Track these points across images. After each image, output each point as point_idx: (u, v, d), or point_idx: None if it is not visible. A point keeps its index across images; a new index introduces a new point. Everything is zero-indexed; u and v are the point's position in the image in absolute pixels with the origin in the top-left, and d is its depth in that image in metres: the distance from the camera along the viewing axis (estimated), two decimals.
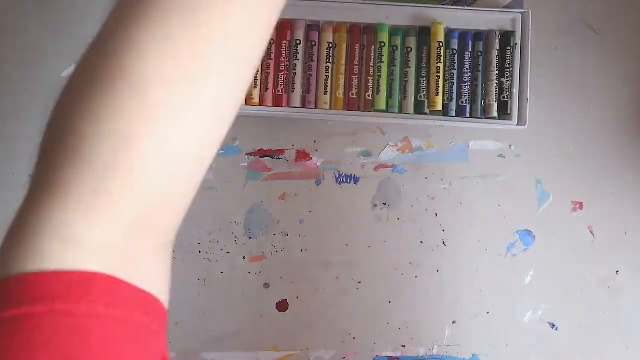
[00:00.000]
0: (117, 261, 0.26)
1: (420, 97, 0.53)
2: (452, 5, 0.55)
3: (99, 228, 0.25)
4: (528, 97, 0.52)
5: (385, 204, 0.55)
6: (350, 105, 0.53)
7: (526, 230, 0.55)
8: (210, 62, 0.27)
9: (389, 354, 0.55)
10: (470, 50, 0.54)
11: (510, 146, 0.56)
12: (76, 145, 0.25)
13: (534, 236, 0.55)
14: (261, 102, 0.53)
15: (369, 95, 0.53)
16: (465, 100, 0.53)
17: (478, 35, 0.54)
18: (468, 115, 0.53)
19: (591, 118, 0.56)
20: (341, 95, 0.53)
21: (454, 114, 0.53)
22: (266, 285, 0.55)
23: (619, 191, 0.56)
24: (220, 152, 0.55)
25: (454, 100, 0.53)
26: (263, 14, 0.29)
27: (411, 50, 0.53)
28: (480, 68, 0.53)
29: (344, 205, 0.55)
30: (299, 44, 0.53)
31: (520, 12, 0.53)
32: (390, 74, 0.53)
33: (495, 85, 0.53)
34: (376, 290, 0.55)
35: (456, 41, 0.53)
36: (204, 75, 0.27)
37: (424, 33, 0.53)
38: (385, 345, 0.55)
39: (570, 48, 0.56)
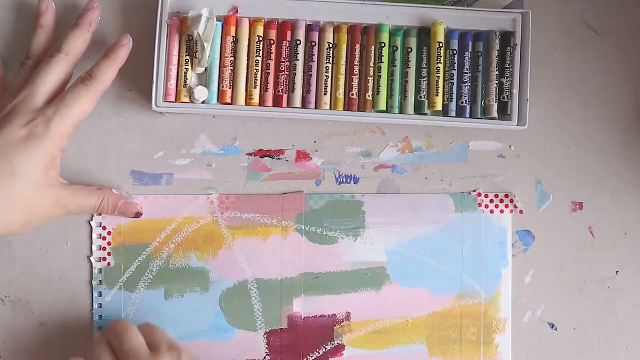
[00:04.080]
0: None
1: (420, 97, 0.53)
2: (452, 5, 0.55)
3: None
4: (528, 97, 0.52)
5: None
6: (350, 105, 0.53)
7: (526, 230, 0.55)
8: None
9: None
10: (470, 50, 0.54)
11: (510, 146, 0.56)
12: None
13: (534, 236, 0.56)
14: (261, 102, 0.53)
15: (369, 96, 0.53)
16: (465, 100, 0.53)
17: (478, 36, 0.54)
18: (468, 115, 0.53)
19: (591, 118, 0.56)
20: (341, 96, 0.53)
21: (454, 114, 0.53)
22: None
23: (619, 191, 0.56)
24: (220, 152, 0.55)
25: (454, 100, 0.53)
26: None
27: (411, 50, 0.53)
28: (480, 68, 0.53)
29: None
30: (299, 44, 0.53)
31: (520, 12, 0.53)
32: (391, 74, 0.53)
33: (495, 85, 0.53)
34: None
35: (456, 41, 0.53)
36: None
37: (424, 33, 0.53)
38: None
39: (570, 48, 0.56)
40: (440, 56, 0.53)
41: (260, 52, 0.53)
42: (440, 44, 0.53)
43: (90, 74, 0.49)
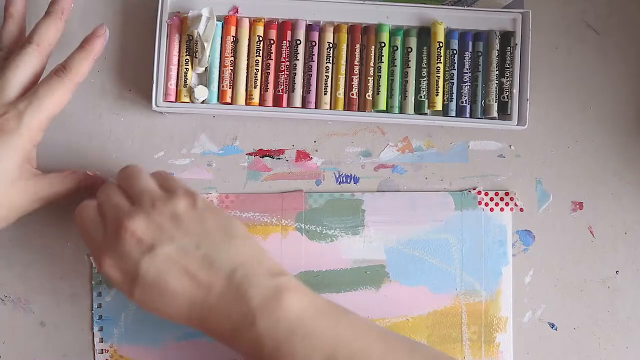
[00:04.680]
0: None
1: (421, 97, 0.53)
2: (452, 5, 0.55)
3: None
4: (528, 97, 0.53)
5: None
6: (350, 105, 0.53)
7: (526, 230, 0.55)
8: None
9: None
10: (470, 50, 0.54)
11: (510, 146, 0.56)
12: None
13: (534, 236, 0.55)
14: (261, 102, 0.53)
15: (369, 95, 0.53)
16: (465, 100, 0.53)
17: (478, 35, 0.54)
18: (468, 115, 0.53)
19: (591, 118, 0.56)
20: (341, 96, 0.53)
21: (454, 114, 0.53)
22: None
23: (619, 191, 0.56)
24: (220, 152, 0.55)
25: (454, 100, 0.53)
26: None
27: (411, 50, 0.53)
28: (480, 68, 0.54)
29: None
30: (299, 44, 0.53)
31: (520, 12, 0.53)
32: (391, 74, 0.53)
33: (495, 85, 0.53)
34: None
35: (456, 41, 0.54)
36: None
37: (424, 33, 0.54)
38: None
39: (570, 48, 0.56)
40: (441, 56, 0.53)
41: (261, 52, 0.53)
42: (441, 44, 0.53)
43: (64, 66, 0.48)
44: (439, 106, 0.53)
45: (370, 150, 0.56)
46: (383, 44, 0.53)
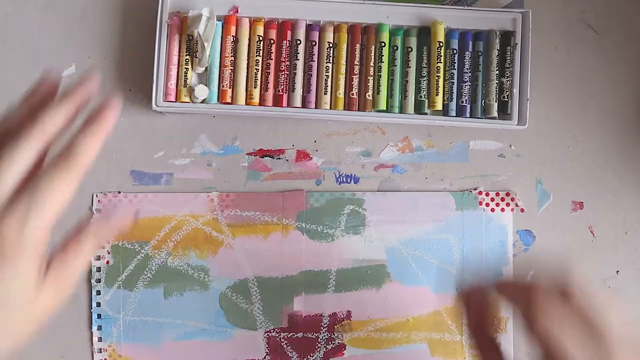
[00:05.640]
0: None
1: (421, 97, 0.53)
2: (452, 5, 0.55)
3: None
4: (528, 97, 0.53)
5: None
6: (350, 105, 0.53)
7: (526, 230, 0.55)
8: None
9: None
10: (470, 50, 0.54)
11: (510, 146, 0.56)
12: None
13: (534, 236, 0.55)
14: (261, 102, 0.53)
15: (369, 95, 0.53)
16: (466, 100, 0.53)
17: (478, 35, 0.54)
18: (468, 115, 0.53)
19: (591, 118, 0.56)
20: (341, 95, 0.53)
21: (454, 114, 0.53)
22: None
23: (619, 191, 0.56)
24: (220, 151, 0.55)
25: (454, 100, 0.53)
26: None
27: (411, 50, 0.53)
28: (481, 68, 0.54)
29: None
30: (299, 44, 0.53)
31: (520, 12, 0.53)
32: (391, 73, 0.53)
33: (496, 85, 0.53)
34: None
35: (456, 41, 0.54)
36: None
37: (424, 33, 0.54)
38: None
39: (570, 48, 0.56)
40: (441, 56, 0.53)
41: (261, 51, 0.53)
42: (441, 44, 0.53)
43: (69, 149, 0.34)
44: (439, 106, 0.53)
45: (370, 150, 0.56)
46: (383, 44, 0.53)
